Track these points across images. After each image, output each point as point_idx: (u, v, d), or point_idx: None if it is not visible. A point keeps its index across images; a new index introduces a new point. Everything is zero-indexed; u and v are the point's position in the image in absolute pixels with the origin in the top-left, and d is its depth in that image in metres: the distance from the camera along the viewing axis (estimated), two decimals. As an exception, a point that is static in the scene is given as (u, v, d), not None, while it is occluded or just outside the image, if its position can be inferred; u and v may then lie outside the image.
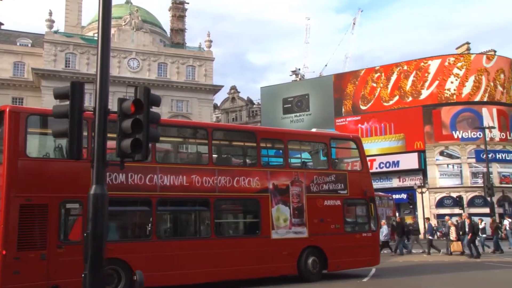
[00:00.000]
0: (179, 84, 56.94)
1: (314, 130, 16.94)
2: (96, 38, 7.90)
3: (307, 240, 13.47)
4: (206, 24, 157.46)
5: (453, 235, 22.20)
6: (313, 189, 13.89)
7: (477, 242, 22.12)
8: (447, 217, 28.05)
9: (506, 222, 28.24)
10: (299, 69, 79.73)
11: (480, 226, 24.17)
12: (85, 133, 9.64)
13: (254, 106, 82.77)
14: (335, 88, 62.49)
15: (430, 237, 24.44)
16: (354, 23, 76.82)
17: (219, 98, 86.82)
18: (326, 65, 78.75)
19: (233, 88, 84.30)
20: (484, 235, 24.56)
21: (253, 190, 12.96)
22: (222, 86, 61.92)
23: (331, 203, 14.12)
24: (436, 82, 56.46)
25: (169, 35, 65.17)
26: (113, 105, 6.73)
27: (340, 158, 16.22)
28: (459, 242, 21.81)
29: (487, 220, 29.05)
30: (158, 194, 11.52)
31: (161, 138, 12.03)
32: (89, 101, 36.38)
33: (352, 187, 14.64)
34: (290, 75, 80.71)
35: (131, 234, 11.96)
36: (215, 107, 78.68)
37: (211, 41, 60.95)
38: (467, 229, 21.33)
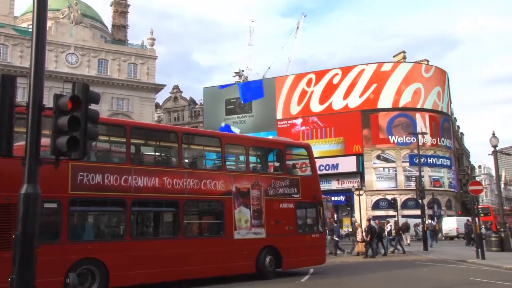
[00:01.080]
0: (120, 81, 55.50)
1: (270, 137, 18.01)
2: (30, 30, 7.56)
3: (265, 241, 14.26)
4: (151, 22, 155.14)
5: (359, 236, 23.12)
6: (270, 192, 14.74)
7: (385, 243, 24.39)
8: (354, 219, 29.21)
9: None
10: (243, 71, 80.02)
11: (387, 229, 26.07)
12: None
13: (197, 106, 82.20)
14: (277, 90, 63.20)
15: (336, 239, 24.78)
16: (297, 27, 78.09)
17: (162, 97, 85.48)
18: (269, 68, 79.41)
19: (176, 87, 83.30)
20: (390, 237, 25.61)
21: (218, 192, 13.56)
22: (164, 85, 61.01)
23: (286, 206, 15.02)
24: (373, 87, 58.48)
25: (110, 31, 63.33)
26: (49, 101, 6.45)
27: (293, 164, 16.92)
28: (364, 243, 22.74)
29: (403, 220, 30.95)
30: (132, 195, 11.81)
31: (133, 141, 12.50)
32: (23, 96, 34.70)
33: (304, 191, 15.63)
34: (234, 76, 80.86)
35: (107, 234, 12.17)
36: (157, 106, 77.40)
37: (154, 39, 59.88)
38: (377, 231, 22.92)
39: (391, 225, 27.10)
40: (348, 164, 56.85)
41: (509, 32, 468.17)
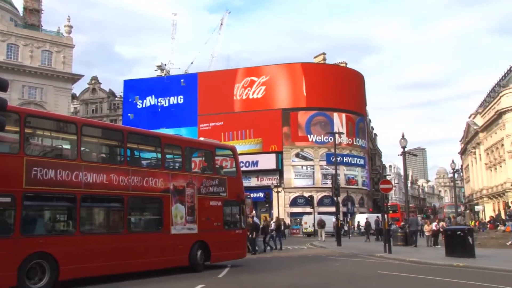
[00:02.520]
0: (33, 69, 52.09)
1: (202, 139, 18.93)
2: None
3: (196, 236, 15.15)
4: (71, 9, 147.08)
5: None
6: (202, 191, 15.60)
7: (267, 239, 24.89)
8: (251, 215, 29.42)
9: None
10: (165, 65, 78.53)
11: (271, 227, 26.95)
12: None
13: (116, 99, 79.51)
14: (200, 86, 62.82)
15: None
16: (221, 24, 78.02)
17: (80, 87, 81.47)
18: (192, 63, 78.76)
19: (94, 78, 79.97)
20: (273, 233, 26.32)
21: (158, 190, 14.21)
22: (82, 76, 58.19)
23: (215, 204, 16.04)
24: (294, 86, 59.99)
25: (22, 15, 59.19)
26: None
27: (220, 165, 17.65)
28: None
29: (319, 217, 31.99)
30: (83, 190, 12.12)
31: (84, 139, 12.83)
32: None
33: (230, 190, 16.74)
34: (155, 70, 79.15)
35: (57, 228, 12.39)
36: (74, 97, 73.73)
37: (71, 27, 56.86)
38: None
39: (273, 222, 27.93)
40: (267, 161, 57.84)
41: (420, 41, 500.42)
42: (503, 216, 45.69)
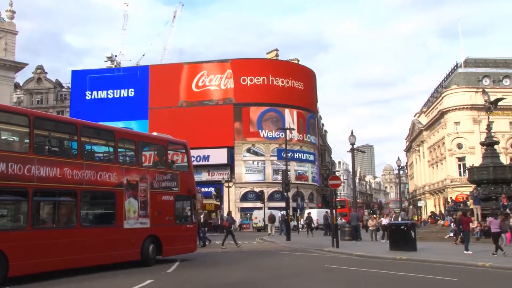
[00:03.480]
0: (-31, 55, 49.31)
1: (155, 134, 18.55)
2: None
3: (149, 230, 15.24)
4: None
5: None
6: (155, 185, 15.66)
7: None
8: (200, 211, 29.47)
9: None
10: (115, 56, 76.56)
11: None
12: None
13: (64, 89, 76.78)
14: (151, 79, 61.76)
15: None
16: (174, 16, 77.08)
17: (25, 76, 78.04)
18: (143, 55, 77.22)
19: (40, 67, 76.78)
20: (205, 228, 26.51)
21: (112, 184, 14.16)
22: (26, 64, 55.50)
23: (167, 198, 16.16)
24: (246, 81, 60.13)
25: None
26: None
27: (172, 160, 17.51)
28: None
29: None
30: (35, 184, 11.87)
31: (36, 132, 12.56)
32: None
33: (182, 185, 16.86)
34: (105, 61, 77.02)
35: (8, 223, 12.04)
36: (17, 86, 70.53)
37: (14, 12, 54.04)
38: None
39: (202, 217, 28.00)
40: (219, 156, 57.75)
41: (372, 41, 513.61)
42: (442, 211, 47.78)
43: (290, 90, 61.86)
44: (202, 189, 47.09)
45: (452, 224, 26.53)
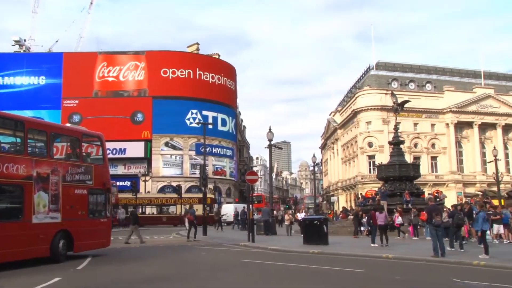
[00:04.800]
0: None
1: (68, 125, 18.22)
2: None
3: (60, 225, 14.66)
4: None
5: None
6: (67, 178, 15.10)
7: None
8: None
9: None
10: (25, 40, 71.67)
11: None
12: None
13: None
14: (65, 67, 58.77)
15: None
16: (91, 3, 73.65)
17: None
18: (57, 41, 72.80)
19: None
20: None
21: (20, 176, 13.44)
22: None
23: (80, 192, 15.70)
24: (164, 74, 59.22)
25: None
26: None
27: (87, 153, 17.02)
28: None
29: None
30: None
31: None
32: None
33: (96, 178, 16.49)
34: (13, 45, 71.84)
35: None
36: None
37: None
38: None
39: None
40: (136, 149, 56.44)
41: (293, 40, 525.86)
42: (353, 206, 50.20)
43: (210, 85, 61.80)
44: (118, 183, 45.81)
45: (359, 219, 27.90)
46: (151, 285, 10.43)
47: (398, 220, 23.85)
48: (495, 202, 34.13)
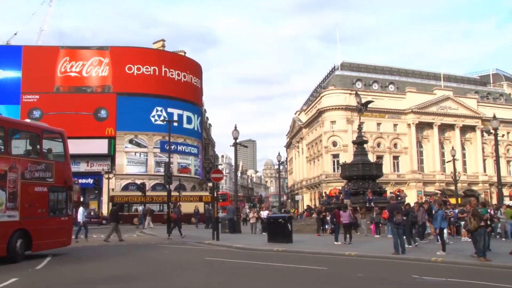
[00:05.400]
0: None
1: (28, 121, 17.78)
2: None
3: (17, 223, 14.25)
4: None
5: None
6: (26, 176, 14.70)
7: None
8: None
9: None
10: (-19, 32, 68.91)
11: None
12: None
13: None
14: (24, 60, 56.96)
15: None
16: (52, -5, 71.40)
17: None
18: (15, 34, 70.31)
19: None
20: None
21: None
22: None
23: (40, 190, 15.30)
24: (129, 70, 58.30)
25: None
26: None
27: (48, 149, 16.49)
28: None
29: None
30: None
31: None
32: None
33: (57, 176, 16.14)
34: (-31, 37, 69.07)
35: None
36: None
37: None
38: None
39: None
40: (99, 146, 55.36)
41: (259, 40, 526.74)
42: (317, 204, 50.82)
43: (175, 82, 61.25)
44: (80, 180, 44.74)
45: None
46: (111, 284, 10.23)
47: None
48: (452, 200, 35.26)
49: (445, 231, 17.29)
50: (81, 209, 24.23)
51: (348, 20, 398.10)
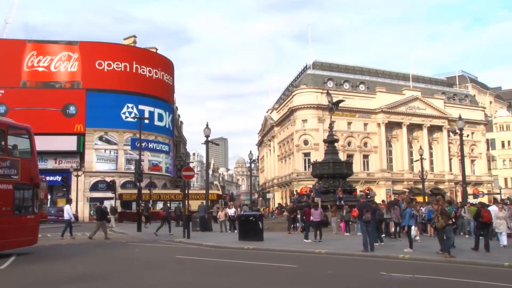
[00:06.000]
0: None
1: None
2: None
3: None
4: None
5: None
6: None
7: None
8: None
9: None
10: None
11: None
12: None
13: None
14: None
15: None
16: (20, -13, 69.44)
17: None
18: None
19: None
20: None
21: None
22: None
23: (4, 187, 14.87)
24: (100, 65, 57.35)
25: None
26: None
27: (14, 145, 16.17)
28: None
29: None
30: None
31: None
32: None
33: (23, 173, 15.73)
34: None
35: None
36: None
37: None
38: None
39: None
40: (68, 143, 54.27)
41: (233, 38, 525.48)
42: (288, 203, 51.16)
43: (147, 79, 60.51)
44: (48, 178, 43.88)
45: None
46: (77, 284, 10.02)
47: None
48: (420, 199, 36.08)
49: (413, 228, 17.68)
50: (67, 207, 24.06)
51: (321, 20, 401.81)
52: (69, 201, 26.42)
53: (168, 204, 30.64)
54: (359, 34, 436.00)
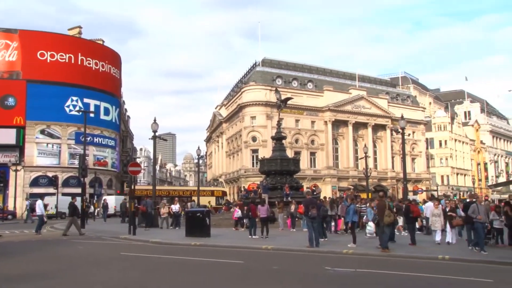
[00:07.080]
0: None
1: None
2: None
3: None
4: None
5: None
6: None
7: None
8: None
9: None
10: None
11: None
12: None
13: None
14: None
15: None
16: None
17: None
18: None
19: None
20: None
21: None
22: None
23: None
24: (42, 56, 55.15)
25: None
26: None
27: None
28: None
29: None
30: None
31: None
32: None
33: None
34: None
35: None
36: None
37: None
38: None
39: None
40: (6, 136, 51.81)
41: (183, 33, 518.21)
42: (236, 199, 51.33)
43: (93, 72, 58.68)
44: (-17, 173, 41.73)
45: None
46: (17, 284, 9.61)
47: (237, 214, 25.41)
48: (363, 195, 37.22)
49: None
50: (39, 202, 23.37)
51: (271, 18, 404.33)
52: (41, 197, 26.01)
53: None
54: (308, 34, 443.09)
